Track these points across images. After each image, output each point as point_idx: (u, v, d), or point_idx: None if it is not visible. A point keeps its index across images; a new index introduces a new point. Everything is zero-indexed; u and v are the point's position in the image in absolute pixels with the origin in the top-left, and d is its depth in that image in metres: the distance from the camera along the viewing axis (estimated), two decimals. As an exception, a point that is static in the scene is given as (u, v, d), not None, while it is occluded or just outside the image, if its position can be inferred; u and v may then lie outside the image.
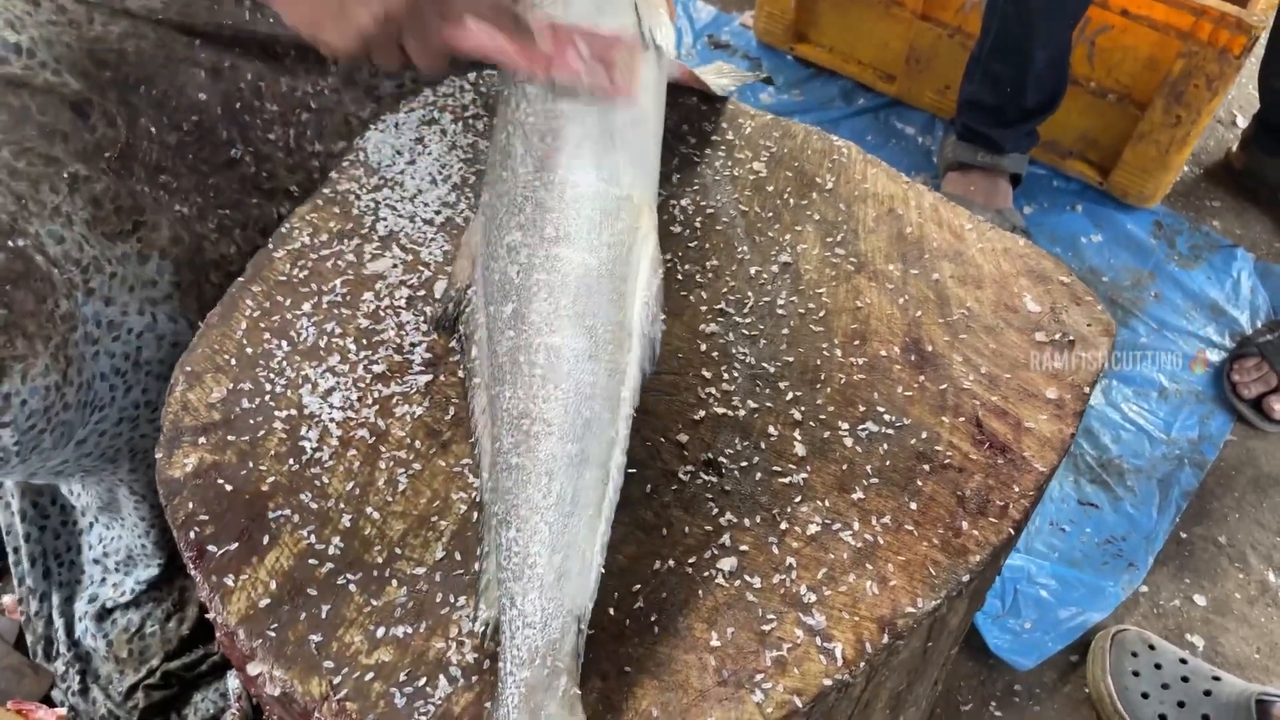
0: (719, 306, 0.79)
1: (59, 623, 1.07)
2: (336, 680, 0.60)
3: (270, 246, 0.80)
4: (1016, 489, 0.70)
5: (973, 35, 1.59)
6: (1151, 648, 1.16)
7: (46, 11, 0.81)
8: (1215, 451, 1.38)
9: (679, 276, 0.81)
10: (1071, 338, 0.78)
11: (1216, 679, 1.12)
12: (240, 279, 0.78)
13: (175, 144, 0.86)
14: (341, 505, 0.67)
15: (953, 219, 0.85)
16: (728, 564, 0.65)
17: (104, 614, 1.07)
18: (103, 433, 0.81)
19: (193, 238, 0.86)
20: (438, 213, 0.83)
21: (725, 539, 0.66)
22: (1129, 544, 1.29)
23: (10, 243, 0.72)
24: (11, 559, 1.09)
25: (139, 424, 0.84)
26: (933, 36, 1.67)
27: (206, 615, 0.67)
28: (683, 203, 0.86)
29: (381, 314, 0.77)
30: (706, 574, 0.65)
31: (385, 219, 0.82)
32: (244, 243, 0.90)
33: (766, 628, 0.62)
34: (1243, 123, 1.81)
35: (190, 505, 0.66)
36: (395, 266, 0.79)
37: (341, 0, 0.66)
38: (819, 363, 0.76)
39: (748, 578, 0.65)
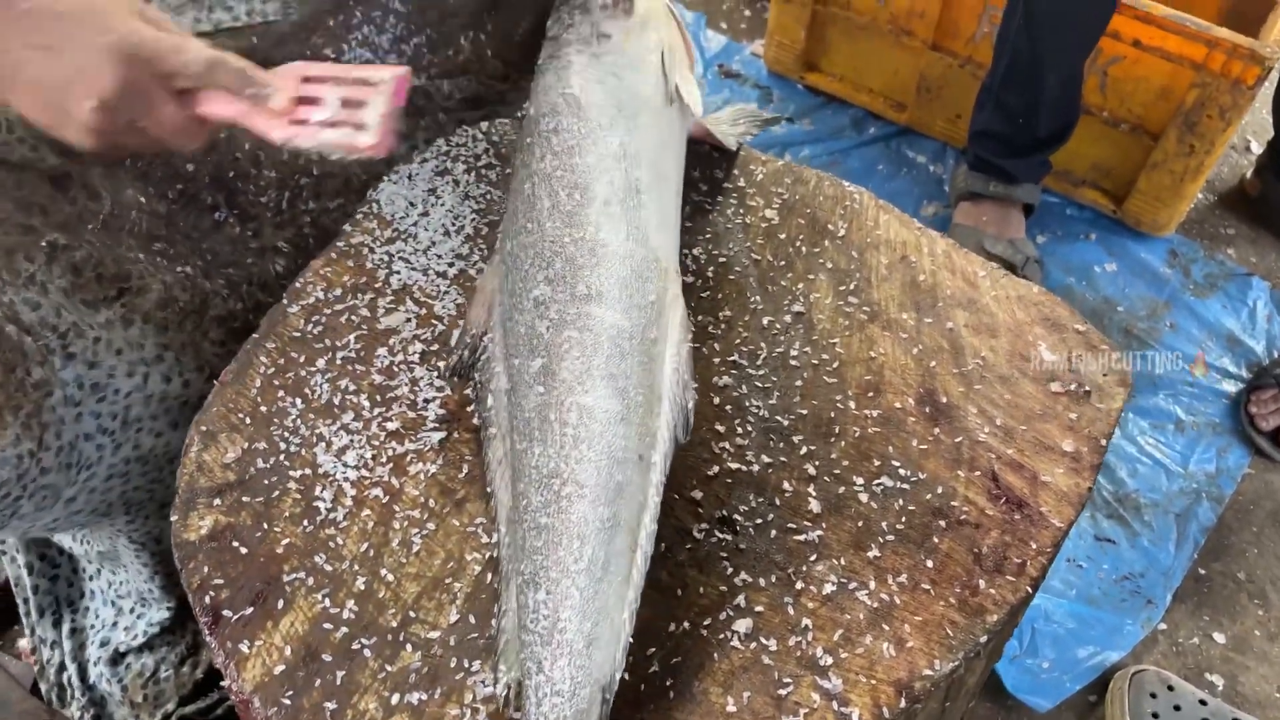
0: (732, 358, 0.79)
1: (72, 668, 1.07)
2: (351, 748, 0.60)
3: (285, 302, 0.80)
4: (1034, 546, 0.69)
5: (984, 65, 1.59)
6: (1171, 688, 1.15)
7: None
8: (1233, 485, 1.37)
9: (691, 328, 0.80)
10: (1088, 388, 0.77)
11: (1237, 720, 1.11)
12: (254, 335, 0.78)
13: (165, 213, 0.86)
14: (356, 567, 0.67)
15: (966, 266, 0.85)
16: (743, 625, 0.65)
17: (117, 658, 1.07)
18: (92, 489, 0.81)
19: (196, 295, 0.86)
20: (450, 265, 0.83)
21: (740, 599, 0.66)
22: (1147, 580, 1.28)
23: None
24: (22, 609, 1.10)
25: (130, 478, 0.83)
26: (943, 66, 1.67)
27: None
28: (695, 251, 0.86)
29: (395, 369, 0.77)
30: (722, 636, 0.65)
31: (399, 272, 0.83)
32: (248, 298, 0.90)
33: (783, 692, 0.62)
34: (1257, 149, 1.80)
35: (205, 569, 0.66)
36: (409, 321, 0.79)
37: (61, 97, 0.64)
38: (833, 415, 0.76)
39: (763, 640, 0.64)
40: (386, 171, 0.90)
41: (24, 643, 1.15)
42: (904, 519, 0.70)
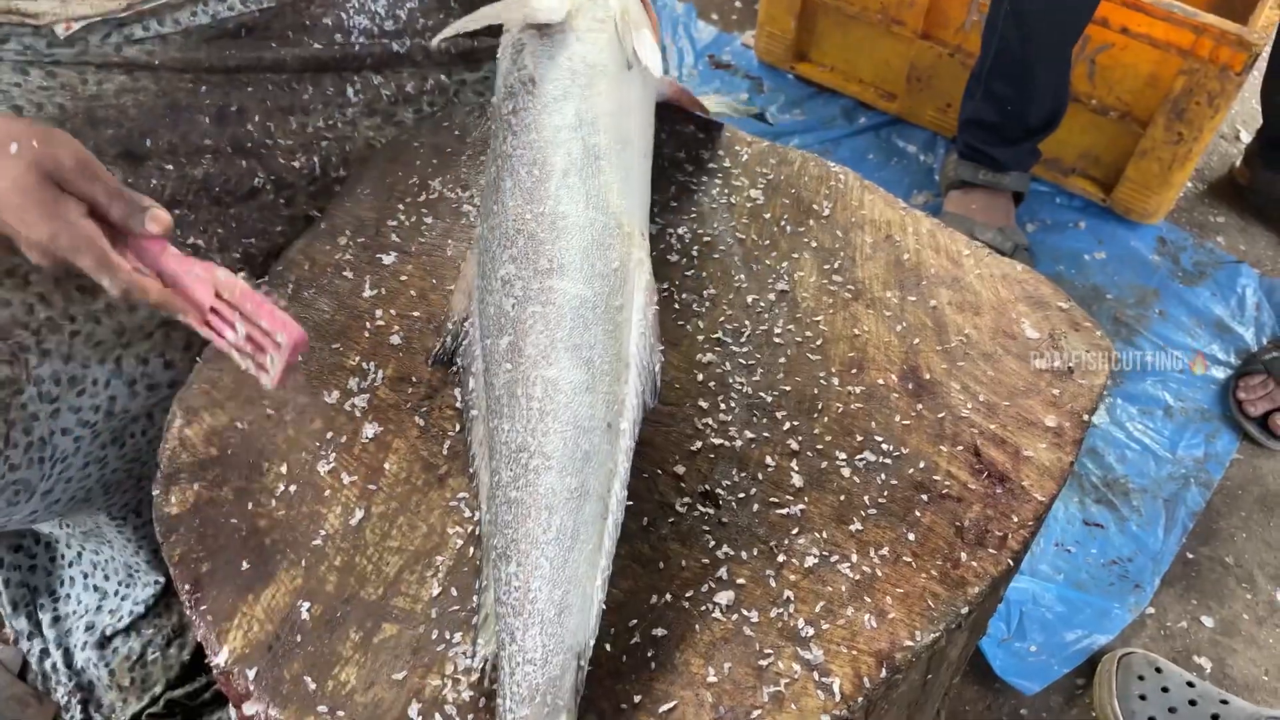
0: (716, 336, 0.79)
1: (56, 654, 1.07)
2: None
3: (266, 278, 0.80)
4: (1015, 519, 0.69)
5: (973, 54, 1.59)
6: (1159, 670, 1.15)
7: (36, 79, 0.81)
8: (1221, 470, 1.38)
9: (676, 305, 0.81)
10: (1071, 365, 0.78)
11: (1224, 702, 1.11)
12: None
13: (201, 177, 0.86)
14: (338, 541, 0.67)
15: (950, 245, 0.85)
16: (725, 598, 0.65)
17: (104, 642, 1.07)
18: (69, 480, 0.80)
19: None
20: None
21: (722, 572, 0.66)
22: (1135, 565, 1.28)
23: None
24: None
25: (107, 463, 0.83)
26: (933, 55, 1.68)
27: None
28: (680, 231, 0.86)
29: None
30: (704, 608, 0.65)
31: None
32: (264, 271, 0.89)
33: (764, 663, 0.62)
34: (1246, 137, 1.81)
35: (187, 543, 0.66)
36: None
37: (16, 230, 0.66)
38: (816, 392, 0.76)
39: (745, 612, 0.64)
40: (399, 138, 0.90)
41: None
42: (886, 493, 0.70)
